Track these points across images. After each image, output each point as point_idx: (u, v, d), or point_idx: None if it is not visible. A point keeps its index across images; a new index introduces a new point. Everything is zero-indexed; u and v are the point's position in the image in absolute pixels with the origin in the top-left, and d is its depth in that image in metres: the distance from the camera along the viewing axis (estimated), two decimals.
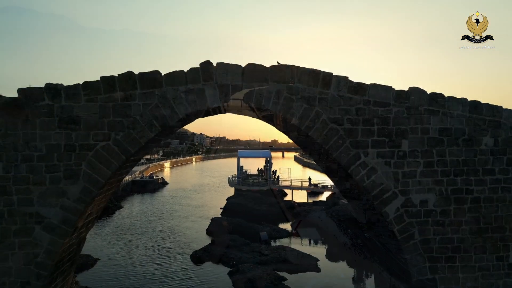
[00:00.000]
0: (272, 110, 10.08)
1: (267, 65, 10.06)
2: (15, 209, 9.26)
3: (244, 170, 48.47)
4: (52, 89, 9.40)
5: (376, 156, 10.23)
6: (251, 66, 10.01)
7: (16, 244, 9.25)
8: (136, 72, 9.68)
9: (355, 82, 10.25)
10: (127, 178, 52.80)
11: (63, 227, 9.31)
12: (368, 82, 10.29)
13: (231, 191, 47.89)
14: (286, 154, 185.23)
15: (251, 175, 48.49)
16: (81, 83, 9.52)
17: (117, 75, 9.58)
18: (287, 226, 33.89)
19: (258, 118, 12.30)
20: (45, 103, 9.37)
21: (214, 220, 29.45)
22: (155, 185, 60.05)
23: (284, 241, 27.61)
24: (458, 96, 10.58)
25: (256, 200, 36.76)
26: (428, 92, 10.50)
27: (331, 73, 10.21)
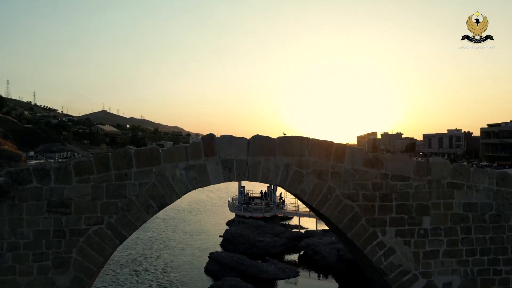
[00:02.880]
0: (280, 185, 10.17)
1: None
2: None
3: (246, 193, 48.43)
4: (41, 170, 9.50)
5: (394, 235, 10.31)
6: (257, 138, 10.12)
7: None
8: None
9: (371, 154, 10.34)
10: None
11: None
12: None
13: (231, 213, 47.91)
14: None
15: (253, 198, 48.43)
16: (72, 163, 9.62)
17: (110, 154, 9.69)
18: (294, 257, 33.91)
19: None
20: (33, 186, 9.46)
21: (213, 257, 29.44)
22: None
23: (291, 282, 27.62)
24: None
25: (259, 229, 36.71)
26: (448, 164, 10.57)
27: (345, 145, 10.31)
